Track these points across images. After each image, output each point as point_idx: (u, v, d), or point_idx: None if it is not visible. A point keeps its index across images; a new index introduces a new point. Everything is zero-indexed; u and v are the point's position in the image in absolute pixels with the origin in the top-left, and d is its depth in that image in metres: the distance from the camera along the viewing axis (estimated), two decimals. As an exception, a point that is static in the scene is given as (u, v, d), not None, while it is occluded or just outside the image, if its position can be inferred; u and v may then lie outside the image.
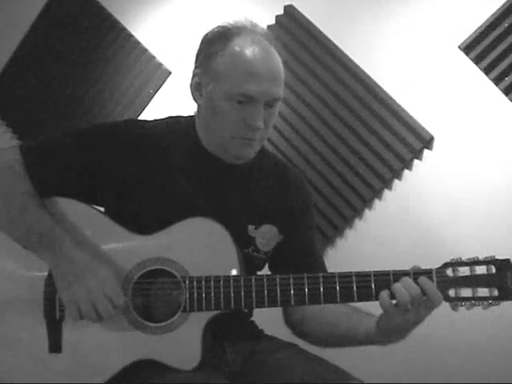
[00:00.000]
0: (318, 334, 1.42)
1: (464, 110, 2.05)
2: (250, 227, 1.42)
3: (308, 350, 1.41)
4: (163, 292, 1.31)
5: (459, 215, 2.00)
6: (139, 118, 2.70)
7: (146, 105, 2.70)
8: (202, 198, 1.40)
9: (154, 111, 2.67)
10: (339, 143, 2.23)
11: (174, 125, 1.49)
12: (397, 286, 1.19)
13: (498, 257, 1.18)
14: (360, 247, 2.20)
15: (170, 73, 2.68)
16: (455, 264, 1.20)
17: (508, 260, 1.17)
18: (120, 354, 1.28)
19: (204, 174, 1.42)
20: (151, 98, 2.69)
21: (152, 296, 1.32)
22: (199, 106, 1.44)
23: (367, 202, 2.19)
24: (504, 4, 1.96)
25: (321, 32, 2.31)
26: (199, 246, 1.32)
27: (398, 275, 1.21)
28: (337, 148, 2.24)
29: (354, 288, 1.23)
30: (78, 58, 2.87)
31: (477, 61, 2.01)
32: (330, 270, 1.70)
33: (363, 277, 1.23)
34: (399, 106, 2.15)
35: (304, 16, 2.35)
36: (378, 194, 2.17)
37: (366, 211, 2.20)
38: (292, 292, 1.25)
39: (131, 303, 1.29)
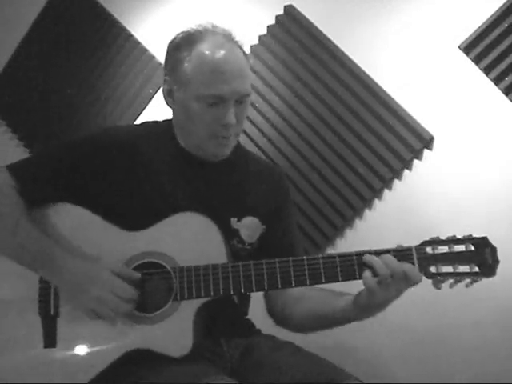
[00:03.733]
0: (300, 319, 1.47)
1: (464, 110, 2.05)
2: (233, 220, 1.47)
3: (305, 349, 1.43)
4: (155, 283, 1.35)
5: (459, 215, 2.00)
6: (139, 117, 2.70)
7: (146, 105, 2.70)
8: (184, 196, 1.45)
9: (153, 111, 2.67)
10: (339, 143, 2.23)
11: (151, 128, 1.55)
12: (377, 261, 1.25)
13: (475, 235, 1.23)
14: (360, 247, 2.19)
15: (170, 73, 2.68)
16: (434, 242, 1.25)
17: (485, 237, 1.24)
18: (114, 345, 1.32)
19: (184, 172, 1.48)
20: (151, 98, 2.69)
21: (144, 288, 1.35)
22: (173, 111, 1.50)
23: (367, 202, 2.19)
24: (504, 4, 1.96)
25: (321, 32, 2.31)
26: (188, 239, 1.37)
27: (380, 253, 1.27)
28: (337, 148, 2.24)
29: (338, 268, 1.29)
30: (77, 58, 2.87)
31: (477, 61, 2.01)
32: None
33: (346, 257, 1.29)
34: (399, 105, 2.15)
35: (304, 16, 2.35)
36: (378, 193, 2.17)
37: (366, 211, 2.20)
38: (278, 275, 1.31)
39: None
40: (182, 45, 1.44)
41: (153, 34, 2.74)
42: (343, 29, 2.29)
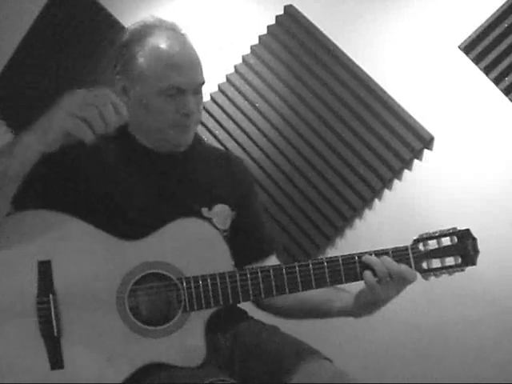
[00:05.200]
0: (287, 306, 1.47)
1: (464, 110, 2.05)
2: (204, 210, 1.46)
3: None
4: (161, 295, 1.32)
5: (459, 215, 2.00)
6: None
7: (146, 105, 2.70)
8: (151, 193, 1.44)
9: (153, 111, 2.67)
10: (339, 143, 2.23)
11: (103, 140, 1.47)
12: (376, 262, 1.31)
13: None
14: (360, 247, 2.19)
15: (170, 73, 2.68)
16: (424, 239, 1.34)
17: (468, 230, 1.32)
18: (125, 361, 1.28)
19: (146, 169, 1.47)
20: (151, 98, 2.69)
21: (150, 300, 1.32)
22: (129, 109, 1.42)
23: (367, 202, 2.19)
24: (504, 4, 1.96)
25: (321, 32, 2.31)
26: (191, 247, 1.34)
27: (379, 254, 1.33)
28: (337, 148, 2.24)
29: (342, 271, 1.33)
30: (77, 58, 2.87)
31: (477, 61, 2.00)
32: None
33: (348, 259, 1.34)
34: (399, 106, 2.15)
35: (304, 16, 2.35)
36: (378, 193, 2.17)
37: (366, 211, 2.20)
38: (286, 281, 1.32)
39: (130, 310, 1.30)
40: (131, 41, 1.47)
41: (153, 33, 2.74)
42: (343, 29, 2.29)
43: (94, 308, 1.30)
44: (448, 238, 1.31)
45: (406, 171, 2.14)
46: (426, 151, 2.11)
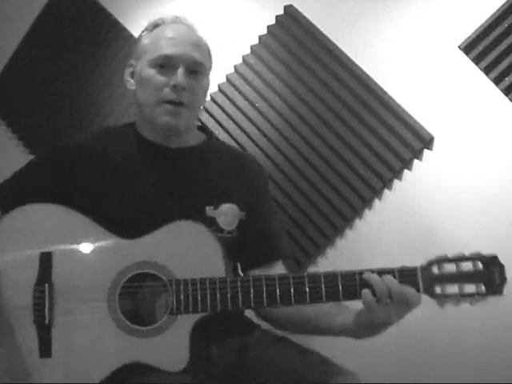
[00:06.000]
0: (287, 319, 1.43)
1: (464, 110, 2.05)
2: (208, 208, 1.45)
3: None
4: (151, 295, 1.33)
5: (459, 215, 2.00)
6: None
7: (146, 105, 2.70)
8: (156, 188, 1.44)
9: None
10: (339, 143, 2.23)
11: (112, 130, 1.58)
12: (376, 280, 1.21)
13: (484, 252, 1.20)
14: (360, 247, 2.20)
15: (170, 73, 2.68)
16: (440, 261, 1.21)
17: (495, 256, 1.19)
18: (109, 357, 1.29)
19: (150, 163, 1.47)
20: (151, 98, 2.69)
21: (140, 300, 1.33)
22: (134, 94, 1.52)
23: (367, 202, 2.19)
24: (504, 4, 1.96)
25: (321, 32, 2.31)
26: (185, 250, 1.34)
27: (383, 273, 1.23)
28: (337, 148, 2.24)
29: (340, 287, 1.23)
30: (77, 58, 2.87)
31: (477, 61, 2.01)
32: (330, 270, 1.70)
33: (348, 276, 1.24)
34: (399, 105, 2.15)
35: (304, 16, 2.35)
36: (378, 193, 2.17)
37: (366, 211, 2.20)
38: (278, 293, 1.26)
39: (119, 307, 1.31)
40: (144, 30, 1.57)
41: (153, 33, 2.74)
42: (343, 29, 2.29)
43: (86, 302, 1.32)
44: (470, 263, 1.19)
45: (406, 171, 2.14)
46: (425, 151, 2.11)
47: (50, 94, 2.92)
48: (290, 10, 2.38)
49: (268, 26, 2.42)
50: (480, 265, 1.18)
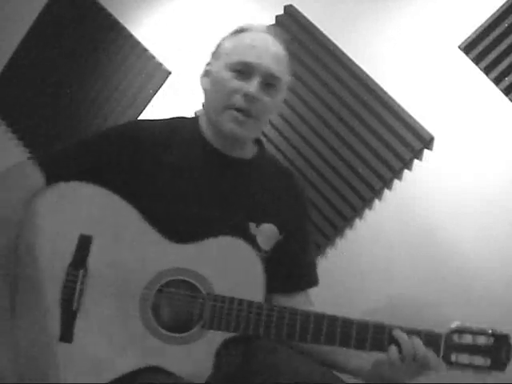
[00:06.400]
0: (306, 349, 1.41)
1: (464, 110, 2.05)
2: (252, 225, 1.43)
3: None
4: (185, 304, 1.31)
5: (459, 215, 2.00)
6: (139, 118, 2.70)
7: (146, 105, 2.70)
8: (208, 194, 1.41)
9: (153, 111, 2.67)
10: (339, 143, 2.23)
11: (177, 123, 1.51)
12: (405, 340, 1.25)
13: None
14: (360, 247, 2.20)
15: (170, 73, 2.68)
16: (462, 331, 1.27)
17: (507, 335, 1.26)
18: (131, 356, 1.27)
19: (209, 169, 1.44)
20: (151, 98, 2.69)
21: (173, 306, 1.31)
22: (206, 93, 1.48)
23: (367, 202, 2.19)
24: (504, 4, 1.96)
25: (321, 32, 2.31)
26: (229, 266, 1.33)
27: (410, 333, 1.27)
28: (337, 148, 2.24)
29: (369, 338, 1.26)
30: (77, 58, 2.87)
31: (477, 61, 2.00)
32: (329, 270, 1.71)
33: (378, 328, 1.27)
34: (399, 105, 2.14)
35: (304, 16, 2.35)
36: (378, 193, 2.17)
37: (366, 211, 2.20)
38: (310, 330, 1.27)
39: (151, 309, 1.29)
40: (229, 33, 1.51)
41: (153, 33, 2.74)
42: (343, 29, 2.29)
43: (117, 295, 1.30)
44: (484, 337, 1.26)
45: (406, 171, 2.14)
46: (426, 151, 2.11)
47: (49, 94, 2.92)
48: (289, 10, 2.38)
49: (268, 26, 2.42)
50: (492, 340, 1.26)
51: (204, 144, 1.47)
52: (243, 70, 1.39)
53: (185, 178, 1.41)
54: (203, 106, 1.49)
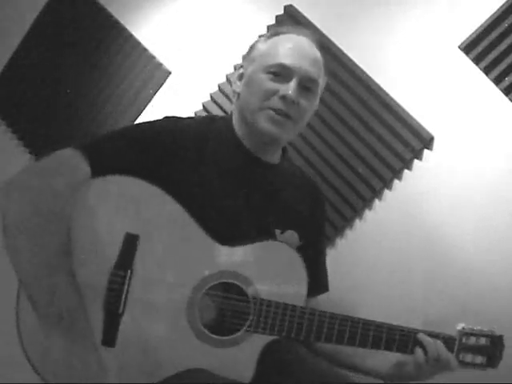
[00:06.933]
0: (328, 352, 1.49)
1: (464, 110, 2.05)
2: (277, 232, 1.45)
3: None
4: (231, 307, 1.33)
5: (459, 215, 2.00)
6: (139, 118, 2.70)
7: (146, 105, 2.70)
8: (240, 196, 1.41)
9: (153, 111, 2.67)
10: (339, 143, 2.23)
11: (211, 122, 1.50)
12: (430, 343, 1.35)
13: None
14: (360, 247, 2.20)
15: (170, 73, 2.68)
16: (469, 334, 1.41)
17: (501, 336, 1.41)
18: (177, 359, 1.27)
19: (242, 171, 1.44)
20: (151, 98, 2.69)
21: (219, 309, 1.33)
22: (238, 97, 1.47)
23: (367, 202, 2.19)
24: (504, 4, 1.96)
25: (321, 32, 2.31)
26: (275, 271, 1.35)
27: (432, 336, 1.38)
28: (337, 148, 2.24)
29: (396, 341, 1.36)
30: (77, 58, 2.86)
31: (477, 61, 2.00)
32: (330, 270, 1.71)
33: (404, 331, 1.37)
34: (399, 105, 2.14)
35: (304, 16, 2.35)
36: (378, 193, 2.17)
37: (366, 211, 2.20)
38: (347, 334, 1.35)
39: (197, 312, 1.29)
40: (263, 36, 1.51)
41: (153, 33, 2.74)
42: (343, 29, 2.29)
43: (163, 297, 1.28)
44: (484, 338, 1.41)
45: (406, 171, 2.14)
46: (426, 151, 2.11)
47: (50, 94, 2.92)
48: (289, 10, 2.38)
49: (268, 26, 2.42)
50: (489, 341, 1.41)
51: (238, 144, 1.46)
52: (281, 73, 1.39)
53: (220, 179, 1.40)
54: (236, 110, 1.48)
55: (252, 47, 1.49)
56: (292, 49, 1.41)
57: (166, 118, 1.48)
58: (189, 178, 1.37)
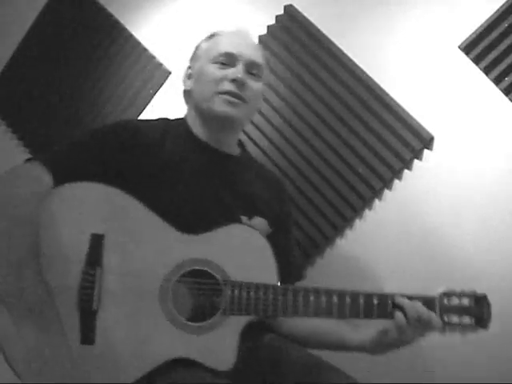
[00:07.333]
0: (301, 333, 1.52)
1: (464, 110, 2.05)
2: (243, 218, 1.49)
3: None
4: (203, 293, 1.34)
5: (459, 215, 2.00)
6: (139, 118, 2.70)
7: (146, 105, 2.70)
8: (203, 187, 1.48)
9: (153, 111, 2.67)
10: (339, 143, 2.23)
11: (166, 123, 1.60)
12: (408, 304, 1.36)
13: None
14: (360, 247, 2.20)
15: (170, 73, 2.68)
16: (450, 294, 1.42)
17: (485, 295, 1.42)
18: (157, 350, 1.28)
19: (201, 163, 1.51)
20: (151, 98, 2.69)
21: (192, 295, 1.34)
22: (190, 93, 1.60)
23: (367, 202, 2.19)
24: (504, 4, 1.96)
25: (321, 32, 2.31)
26: (241, 253, 1.36)
27: (410, 298, 1.39)
28: (337, 148, 2.24)
29: (375, 308, 1.36)
30: (77, 58, 2.87)
31: (477, 61, 2.00)
32: (329, 270, 1.71)
33: (381, 297, 1.38)
34: (399, 105, 2.14)
35: (304, 16, 2.35)
36: (378, 193, 2.17)
37: (366, 211, 2.20)
38: (324, 305, 1.35)
39: (171, 301, 1.31)
40: (204, 38, 1.65)
41: (153, 34, 2.74)
42: (343, 29, 2.29)
43: (136, 292, 1.30)
44: (467, 299, 1.41)
45: (406, 171, 2.14)
46: (425, 151, 2.11)
47: (50, 94, 2.92)
48: (289, 10, 2.38)
49: (268, 26, 2.42)
50: (473, 302, 1.41)
51: (194, 139, 1.54)
52: (227, 61, 1.51)
53: (180, 172, 1.47)
54: (190, 106, 1.59)
55: (196, 47, 1.63)
56: (234, 39, 1.56)
57: (122, 120, 1.66)
58: (150, 172, 1.44)
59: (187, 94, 1.62)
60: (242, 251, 1.36)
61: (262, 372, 1.39)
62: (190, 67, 1.63)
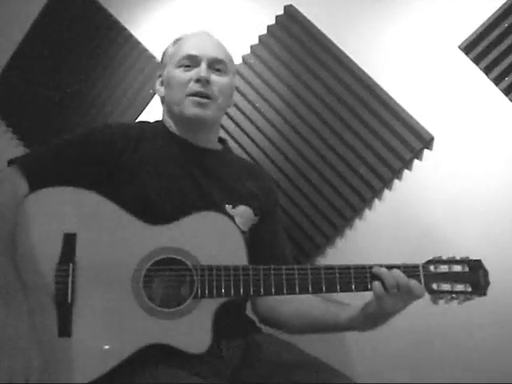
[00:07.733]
0: (288, 319, 1.52)
1: (464, 110, 2.05)
2: (228, 206, 1.53)
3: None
4: (175, 280, 1.37)
5: (459, 215, 2.00)
6: (139, 117, 2.70)
7: (146, 105, 2.70)
8: (183, 181, 1.51)
9: (153, 111, 2.67)
10: (339, 143, 2.23)
11: (143, 124, 1.67)
12: (385, 273, 1.35)
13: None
14: (360, 247, 2.20)
15: (170, 73, 2.68)
16: (437, 261, 1.38)
17: (479, 260, 1.36)
18: (131, 338, 1.31)
19: (180, 158, 1.56)
20: (151, 98, 2.69)
21: (164, 283, 1.37)
22: (165, 98, 1.66)
23: (367, 202, 2.19)
24: (504, 4, 1.96)
25: (321, 32, 2.31)
26: (210, 238, 1.39)
27: (390, 267, 1.38)
28: (337, 148, 2.24)
29: (352, 280, 1.36)
30: (77, 58, 2.87)
31: (477, 61, 2.00)
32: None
33: (358, 269, 1.38)
34: (399, 105, 2.15)
35: (304, 16, 2.35)
36: (378, 193, 2.17)
37: (366, 211, 2.20)
38: (297, 281, 1.35)
39: (143, 290, 1.34)
40: (169, 44, 1.71)
41: (153, 33, 2.74)
42: (343, 29, 2.29)
43: (109, 283, 1.34)
44: (459, 266, 1.36)
45: (406, 171, 2.14)
46: (425, 151, 2.11)
47: (50, 93, 2.92)
48: (290, 10, 2.38)
49: (268, 26, 2.42)
50: (467, 268, 1.36)
51: (172, 136, 1.60)
52: (190, 63, 1.57)
53: (159, 166, 1.51)
54: (165, 110, 1.65)
55: (163, 54, 1.69)
56: (195, 41, 1.62)
57: (98, 125, 1.74)
58: (129, 167, 1.48)
59: (162, 100, 1.70)
60: (211, 236, 1.39)
61: (260, 373, 1.39)
62: (160, 75, 1.70)
